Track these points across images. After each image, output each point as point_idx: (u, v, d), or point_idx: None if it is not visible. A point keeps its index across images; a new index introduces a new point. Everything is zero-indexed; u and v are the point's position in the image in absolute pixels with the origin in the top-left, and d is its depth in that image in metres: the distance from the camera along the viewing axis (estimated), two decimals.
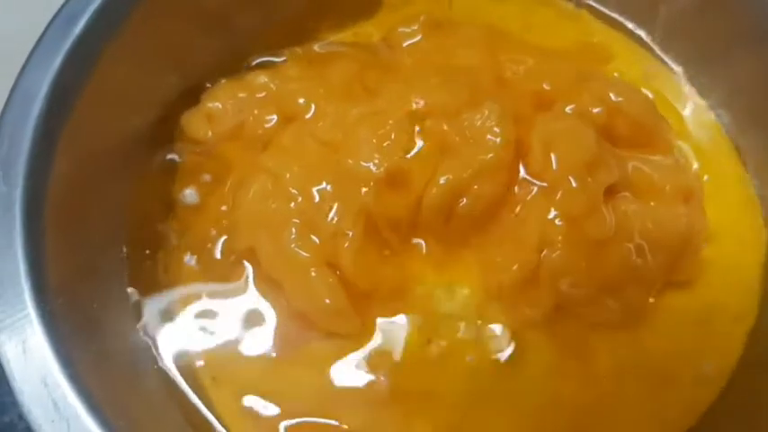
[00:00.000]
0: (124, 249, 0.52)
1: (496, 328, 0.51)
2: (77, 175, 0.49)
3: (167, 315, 0.51)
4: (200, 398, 0.49)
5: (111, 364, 0.46)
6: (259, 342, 0.50)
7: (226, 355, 0.50)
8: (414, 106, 0.51)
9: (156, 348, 0.50)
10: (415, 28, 0.59)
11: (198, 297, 0.52)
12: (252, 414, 0.49)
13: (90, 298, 0.47)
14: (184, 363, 0.50)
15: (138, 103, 0.55)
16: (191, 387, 0.49)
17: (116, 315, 0.49)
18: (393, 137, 0.50)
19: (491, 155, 0.50)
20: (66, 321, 0.43)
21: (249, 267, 0.52)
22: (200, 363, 0.50)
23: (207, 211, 0.54)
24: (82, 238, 0.49)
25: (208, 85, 0.57)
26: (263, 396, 0.49)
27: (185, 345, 0.51)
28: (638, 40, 0.61)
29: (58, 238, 0.46)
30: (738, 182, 0.56)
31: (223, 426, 0.48)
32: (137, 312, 0.51)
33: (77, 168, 0.49)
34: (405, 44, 0.59)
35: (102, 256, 0.51)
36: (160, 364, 0.49)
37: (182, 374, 0.50)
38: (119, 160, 0.53)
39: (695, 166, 0.56)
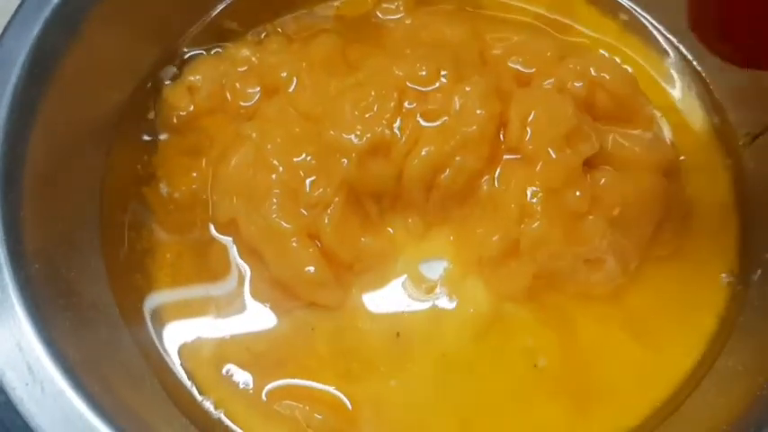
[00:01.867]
0: (101, 219, 0.52)
1: (477, 300, 0.51)
2: (56, 143, 0.49)
3: (145, 286, 0.51)
4: (179, 368, 0.49)
5: (87, 330, 0.45)
6: (239, 311, 0.50)
7: (204, 324, 0.50)
8: (396, 79, 0.51)
9: (134, 320, 0.50)
10: (399, 4, 0.59)
11: (177, 268, 0.52)
12: (231, 381, 0.48)
13: (67, 266, 0.47)
14: (162, 332, 0.50)
15: (120, 73, 0.54)
16: (169, 357, 0.49)
17: (93, 284, 0.49)
18: (375, 109, 0.50)
19: (474, 127, 0.50)
20: (43, 287, 0.43)
21: (230, 240, 0.52)
22: (177, 331, 0.50)
23: (187, 183, 0.54)
24: (59, 206, 0.48)
25: (189, 56, 0.57)
26: (242, 364, 0.49)
27: (163, 314, 0.50)
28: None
29: (35, 204, 0.45)
30: (713, 159, 0.56)
31: (201, 393, 0.48)
32: (114, 284, 0.50)
33: (56, 137, 0.49)
34: (388, 19, 0.59)
35: (80, 224, 0.50)
36: (138, 334, 0.49)
37: (159, 343, 0.49)
38: (98, 130, 0.53)
39: (672, 140, 0.56)
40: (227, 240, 0.52)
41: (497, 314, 0.50)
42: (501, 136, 0.51)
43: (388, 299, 0.51)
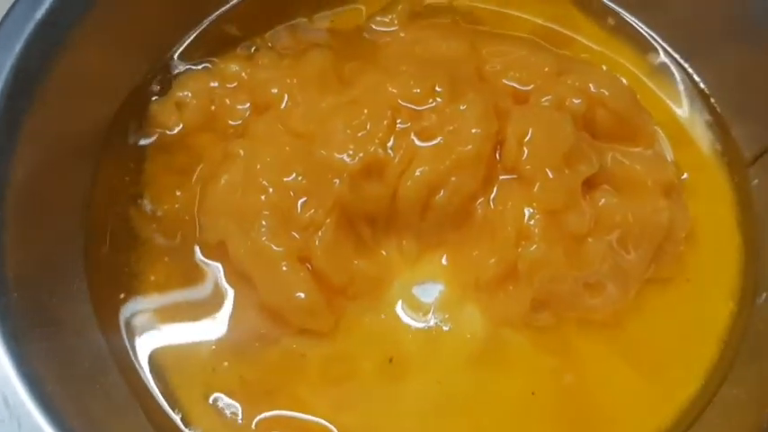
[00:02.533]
0: (85, 241, 0.50)
1: (473, 325, 0.49)
2: (40, 160, 0.47)
3: (130, 312, 0.49)
4: (165, 398, 0.47)
5: (69, 361, 0.43)
6: (227, 338, 0.49)
7: (193, 354, 0.48)
8: (390, 96, 0.50)
9: (120, 347, 0.48)
10: (393, 17, 0.58)
11: (164, 294, 0.50)
12: (219, 411, 0.47)
13: (48, 292, 0.45)
14: (149, 362, 0.48)
15: (106, 88, 0.53)
16: (156, 386, 0.48)
17: (75, 311, 0.47)
18: (368, 127, 0.49)
19: (470, 147, 0.48)
20: (22, 316, 0.41)
21: (218, 263, 0.50)
22: (165, 361, 0.48)
23: (175, 203, 0.52)
24: (42, 228, 0.47)
25: (177, 71, 0.56)
26: (230, 393, 0.47)
27: (150, 343, 0.49)
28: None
29: (17, 226, 0.44)
30: (716, 177, 0.55)
31: (187, 425, 0.46)
32: (98, 309, 0.49)
33: (40, 157, 0.47)
34: (382, 32, 0.58)
35: (63, 249, 0.49)
36: (123, 362, 0.47)
37: (146, 374, 0.48)
38: (83, 147, 0.51)
39: (672, 159, 0.54)
40: (215, 264, 0.50)
41: (494, 340, 0.49)
42: (497, 155, 0.50)
43: (382, 324, 0.49)
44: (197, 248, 0.51)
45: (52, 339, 0.43)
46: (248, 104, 0.54)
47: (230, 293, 0.50)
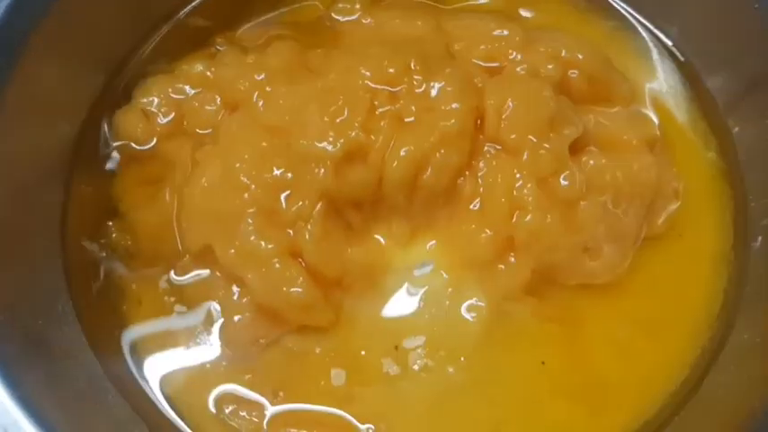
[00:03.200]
0: (64, 261, 0.48)
1: (475, 302, 0.48)
2: (6, 185, 0.45)
3: (120, 326, 0.47)
4: (172, 411, 0.45)
5: (64, 382, 0.42)
6: (224, 344, 0.47)
7: (189, 361, 0.47)
8: (364, 79, 0.49)
9: (116, 365, 0.46)
10: (355, 3, 0.56)
11: (151, 304, 0.48)
12: (227, 419, 0.45)
13: (32, 315, 0.43)
14: (145, 374, 0.46)
15: (66, 103, 0.51)
16: (160, 401, 0.46)
17: (64, 330, 0.45)
18: (346, 113, 0.47)
19: (452, 121, 0.47)
20: (10, 341, 0.39)
21: (206, 269, 0.49)
22: (162, 372, 0.47)
23: (152, 213, 0.50)
24: (20, 254, 0.45)
25: (138, 78, 0.54)
26: (236, 399, 0.46)
27: (148, 359, 0.47)
28: None
29: None
30: (696, 129, 0.55)
31: None
32: (87, 329, 0.46)
33: (5, 178, 0.45)
34: (345, 21, 0.56)
35: (43, 271, 0.47)
36: (121, 380, 0.45)
37: (144, 385, 0.46)
38: (51, 167, 0.50)
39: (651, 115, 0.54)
40: (202, 271, 0.48)
41: (498, 315, 0.48)
42: (480, 129, 0.49)
43: (382, 311, 0.48)
44: (182, 256, 0.49)
45: (43, 362, 0.41)
46: (217, 104, 0.52)
47: (223, 300, 0.48)
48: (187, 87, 0.53)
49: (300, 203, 0.46)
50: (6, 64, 0.45)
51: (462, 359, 0.47)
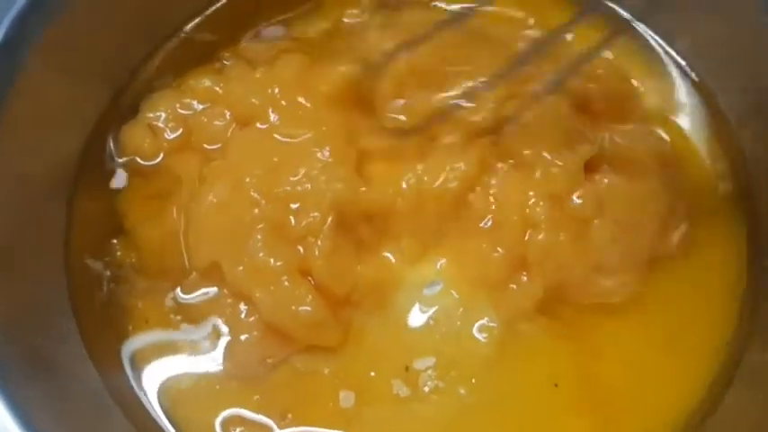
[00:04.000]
0: (68, 279, 0.47)
1: (486, 322, 0.47)
2: (9, 202, 0.44)
3: (126, 349, 0.47)
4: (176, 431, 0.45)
5: (67, 401, 0.41)
6: (231, 363, 0.46)
7: (198, 385, 0.46)
8: None
9: (120, 384, 0.45)
10: (364, 15, 0.56)
11: (156, 323, 0.47)
12: None
13: (37, 335, 0.42)
14: (154, 397, 0.45)
15: (70, 121, 0.50)
16: (165, 422, 0.45)
17: (67, 350, 0.44)
18: None
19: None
20: (13, 361, 0.39)
21: (214, 287, 0.48)
22: (171, 395, 0.46)
23: (158, 230, 0.49)
24: (23, 273, 0.44)
25: (145, 92, 0.53)
26: (243, 420, 0.45)
27: (153, 378, 0.46)
28: None
29: None
30: (707, 147, 0.54)
31: None
32: (91, 348, 0.46)
33: (8, 195, 0.44)
34: (353, 27, 0.56)
35: (47, 290, 0.46)
36: (125, 400, 0.45)
37: (149, 406, 0.45)
38: (55, 183, 0.49)
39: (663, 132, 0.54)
40: (210, 288, 0.47)
41: (510, 335, 0.47)
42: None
43: (392, 331, 0.47)
44: (189, 274, 0.48)
45: (45, 379, 0.40)
46: (227, 119, 0.51)
47: (230, 318, 0.47)
48: (194, 102, 0.52)
49: (311, 218, 0.46)
50: (11, 79, 0.44)
51: (474, 381, 0.46)
